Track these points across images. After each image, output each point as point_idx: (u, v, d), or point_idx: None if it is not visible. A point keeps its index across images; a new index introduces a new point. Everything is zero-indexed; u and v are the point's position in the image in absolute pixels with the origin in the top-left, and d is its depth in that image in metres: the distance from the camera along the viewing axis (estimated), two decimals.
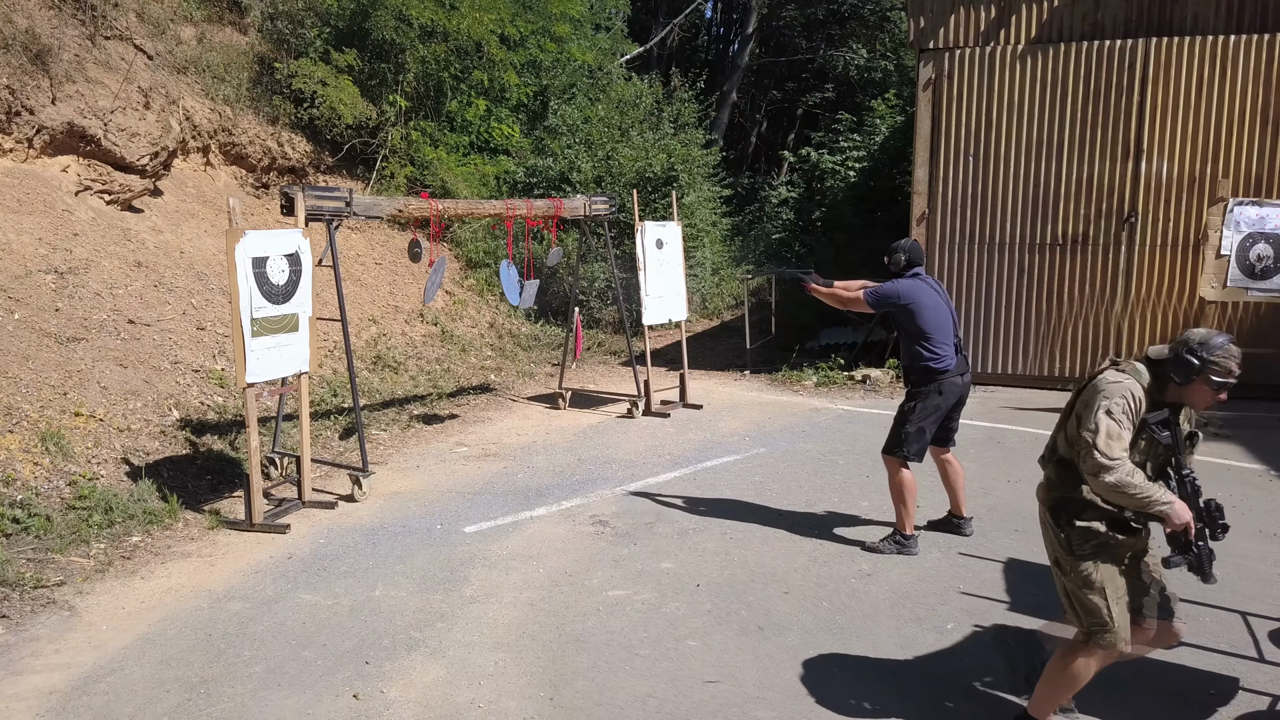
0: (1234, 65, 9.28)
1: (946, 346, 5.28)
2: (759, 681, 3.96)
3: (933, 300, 5.33)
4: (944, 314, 5.33)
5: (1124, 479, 3.03)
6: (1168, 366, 3.12)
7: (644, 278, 8.96)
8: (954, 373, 5.30)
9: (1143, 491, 3.04)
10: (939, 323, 5.29)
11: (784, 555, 5.42)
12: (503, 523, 5.99)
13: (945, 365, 5.26)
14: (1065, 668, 3.31)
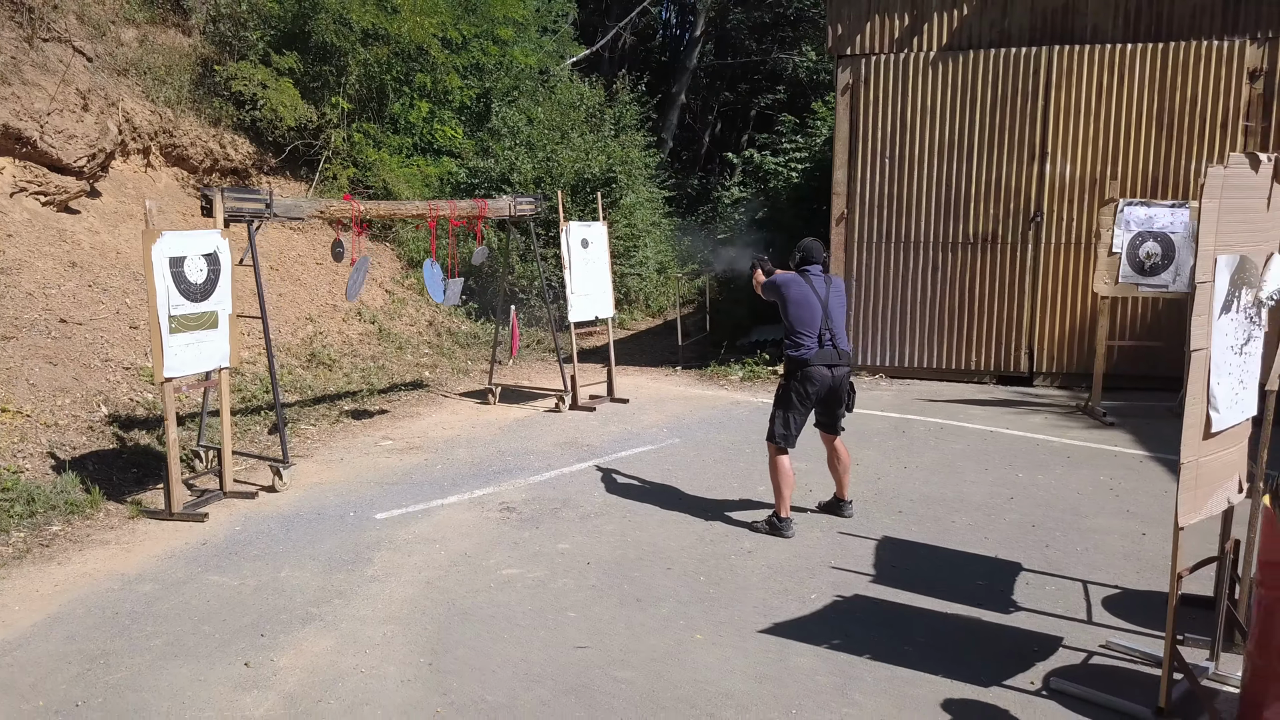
0: (1130, 72, 9.77)
1: (809, 339, 5.63)
2: (625, 646, 4.29)
3: (801, 294, 5.69)
4: (813, 309, 5.68)
5: None
6: None
7: (569, 276, 9.27)
8: (817, 363, 5.64)
9: None
10: (802, 316, 5.65)
11: (675, 536, 5.76)
12: (413, 510, 6.28)
13: (804, 355, 5.61)
14: None
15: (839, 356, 5.77)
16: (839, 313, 5.86)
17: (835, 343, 5.77)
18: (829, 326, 5.77)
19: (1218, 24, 9.60)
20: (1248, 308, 3.56)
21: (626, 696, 3.84)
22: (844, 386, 5.89)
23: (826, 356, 5.72)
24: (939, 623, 4.56)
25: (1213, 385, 3.49)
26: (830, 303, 5.82)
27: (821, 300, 5.78)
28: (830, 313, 5.80)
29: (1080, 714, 3.73)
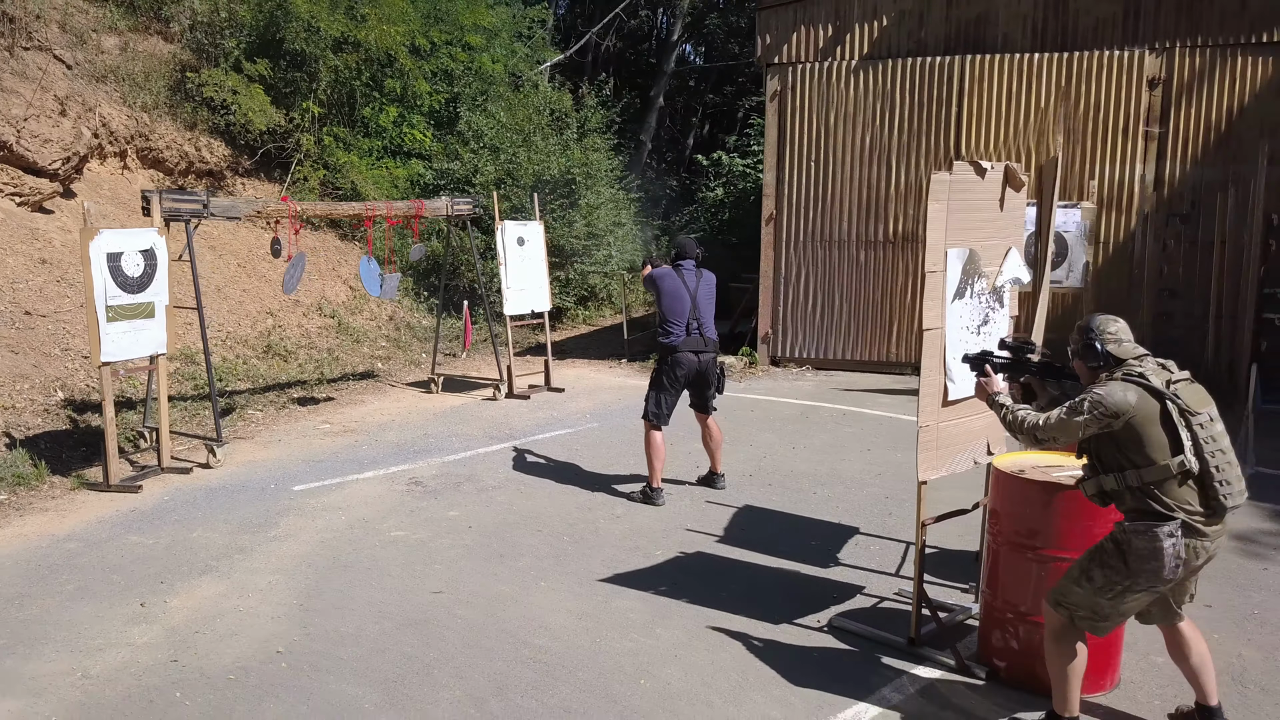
0: (1037, 79, 10.34)
1: (678, 327, 6.24)
2: (474, 591, 4.91)
3: (673, 287, 6.30)
4: (682, 301, 6.29)
5: None
6: None
7: (504, 272, 9.90)
8: (685, 349, 6.24)
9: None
10: (674, 307, 6.26)
11: (557, 504, 6.38)
12: (329, 483, 6.91)
13: (673, 342, 6.22)
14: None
15: (704, 344, 6.37)
16: (707, 304, 6.45)
17: (702, 331, 6.37)
18: (696, 316, 6.36)
19: (1119, 35, 10.17)
20: (982, 293, 4.15)
21: (458, 629, 4.46)
22: (711, 370, 6.48)
23: (693, 343, 6.32)
24: (760, 574, 5.16)
25: (949, 360, 4.08)
26: (699, 295, 6.42)
27: (691, 293, 6.38)
28: (699, 304, 6.40)
29: (847, 644, 4.32)
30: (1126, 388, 3.19)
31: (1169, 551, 3.10)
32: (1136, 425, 3.17)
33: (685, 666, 4.10)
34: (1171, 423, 3.14)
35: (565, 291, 15.65)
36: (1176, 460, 3.13)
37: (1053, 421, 3.31)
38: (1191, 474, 3.14)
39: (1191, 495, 3.17)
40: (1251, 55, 9.87)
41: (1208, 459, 3.13)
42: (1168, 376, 3.23)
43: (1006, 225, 4.21)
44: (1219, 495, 3.13)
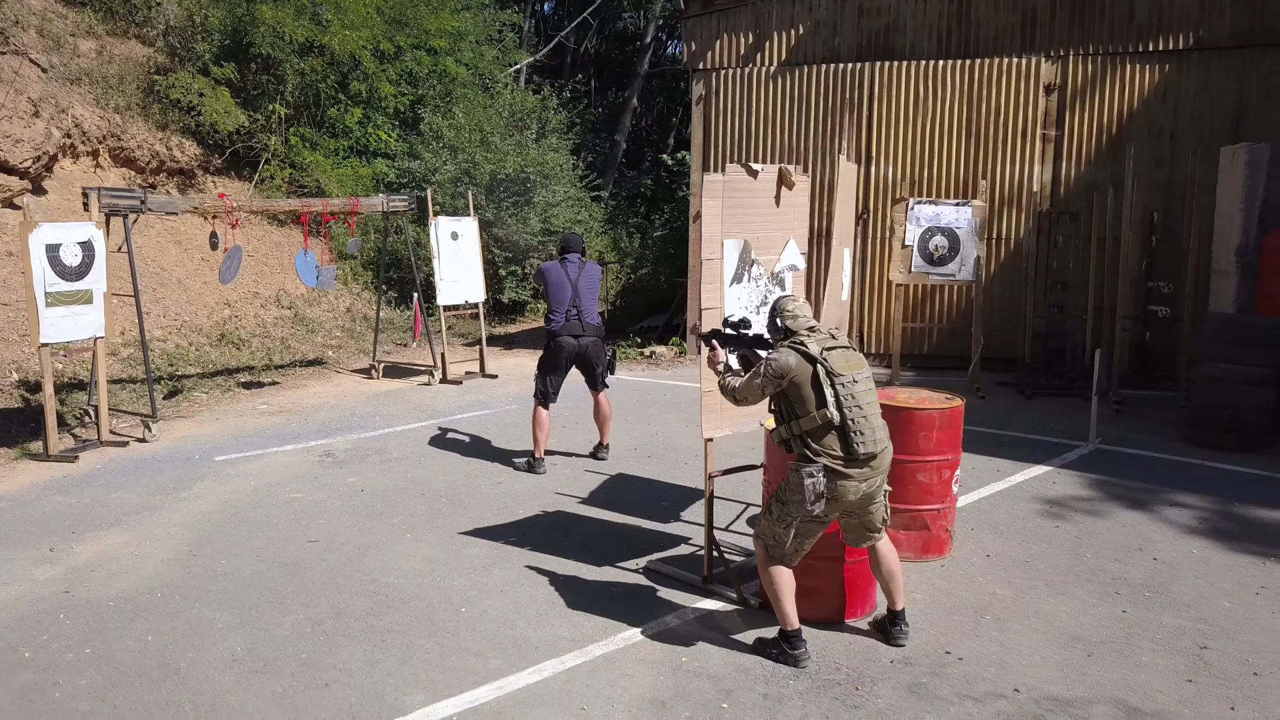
0: (943, 85, 10.99)
1: (559, 314, 6.93)
2: (346, 541, 5.59)
3: (556, 278, 6.99)
4: (564, 290, 6.97)
5: None
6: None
7: (438, 265, 10.58)
8: (565, 334, 6.93)
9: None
10: (557, 296, 6.95)
11: (448, 473, 7.06)
12: (250, 454, 7.60)
13: (554, 327, 6.92)
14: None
15: (583, 329, 7.04)
16: (587, 293, 7.12)
17: (581, 317, 7.05)
18: (576, 304, 7.05)
19: (1017, 43, 10.81)
20: (759, 278, 4.82)
21: (320, 570, 5.14)
22: (593, 352, 7.16)
23: (572, 329, 7.00)
24: (604, 528, 5.84)
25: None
26: (580, 285, 7.10)
27: (572, 282, 7.06)
28: (580, 293, 7.07)
29: (655, 584, 4.99)
30: (789, 353, 3.88)
31: (809, 487, 3.78)
32: (796, 384, 3.85)
33: (506, 599, 4.78)
34: (819, 382, 3.82)
35: (522, 285, 16.33)
36: (821, 413, 3.81)
37: (742, 383, 3.99)
38: (834, 425, 3.81)
39: (834, 443, 3.84)
40: (1139, 63, 10.51)
41: (846, 413, 3.81)
42: (828, 344, 3.91)
43: (784, 219, 4.87)
44: (854, 444, 3.81)
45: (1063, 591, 4.96)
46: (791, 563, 4.08)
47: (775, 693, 3.85)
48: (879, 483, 3.98)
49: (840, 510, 3.97)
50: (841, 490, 3.87)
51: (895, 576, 4.20)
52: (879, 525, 4.12)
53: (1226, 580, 5.13)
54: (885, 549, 4.18)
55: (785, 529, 3.99)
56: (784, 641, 4.09)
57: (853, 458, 3.85)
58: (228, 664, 4.08)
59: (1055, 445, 7.92)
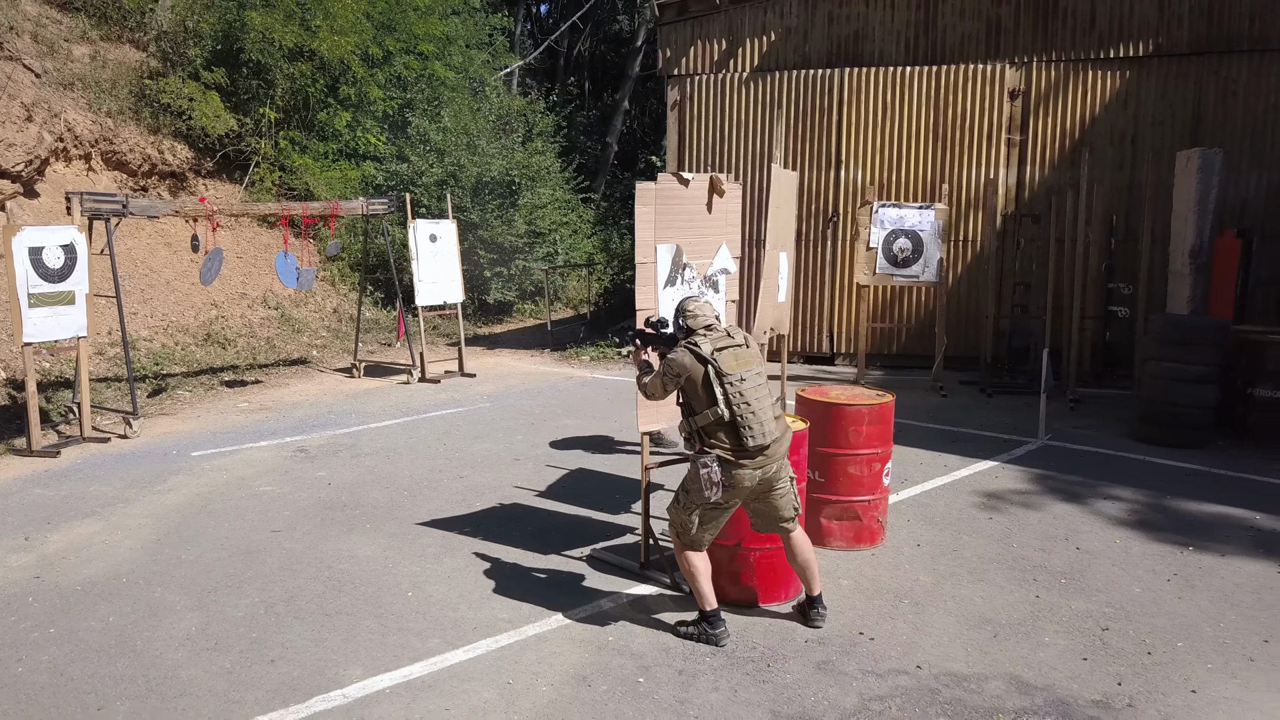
0: (910, 91, 11.25)
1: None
2: (308, 531, 5.87)
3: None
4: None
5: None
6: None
7: (416, 267, 10.86)
8: None
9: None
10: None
11: (415, 467, 7.33)
12: (226, 450, 7.88)
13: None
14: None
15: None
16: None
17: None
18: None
19: (982, 50, 11.07)
20: (692, 280, 5.08)
21: (280, 557, 5.42)
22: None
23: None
24: (555, 519, 6.11)
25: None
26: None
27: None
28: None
29: (597, 570, 5.26)
30: (685, 353, 4.15)
31: (705, 477, 4.05)
32: (693, 381, 4.12)
33: (451, 584, 5.05)
34: (709, 382, 4.09)
35: (508, 286, 16.61)
36: (713, 410, 4.08)
37: (649, 380, 4.27)
38: (724, 421, 4.08)
39: (726, 436, 4.11)
40: (1100, 69, 10.77)
41: (735, 409, 4.07)
42: (720, 344, 4.16)
43: (716, 225, 5.14)
44: (744, 437, 4.07)
45: (982, 578, 5.22)
46: (701, 547, 4.34)
47: (690, 668, 4.12)
48: (775, 469, 4.23)
49: (741, 497, 4.23)
50: (737, 479, 4.13)
51: (810, 565, 4.46)
52: (789, 514, 4.37)
53: (1141, 568, 5.39)
54: (799, 539, 4.44)
55: (691, 516, 4.26)
56: (704, 621, 4.35)
57: (743, 450, 4.11)
58: (181, 642, 4.35)
59: (1005, 441, 8.18)
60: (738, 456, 4.12)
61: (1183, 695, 3.98)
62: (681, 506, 4.30)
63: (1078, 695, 3.96)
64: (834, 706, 3.84)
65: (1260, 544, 5.77)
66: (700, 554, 4.33)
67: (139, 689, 3.92)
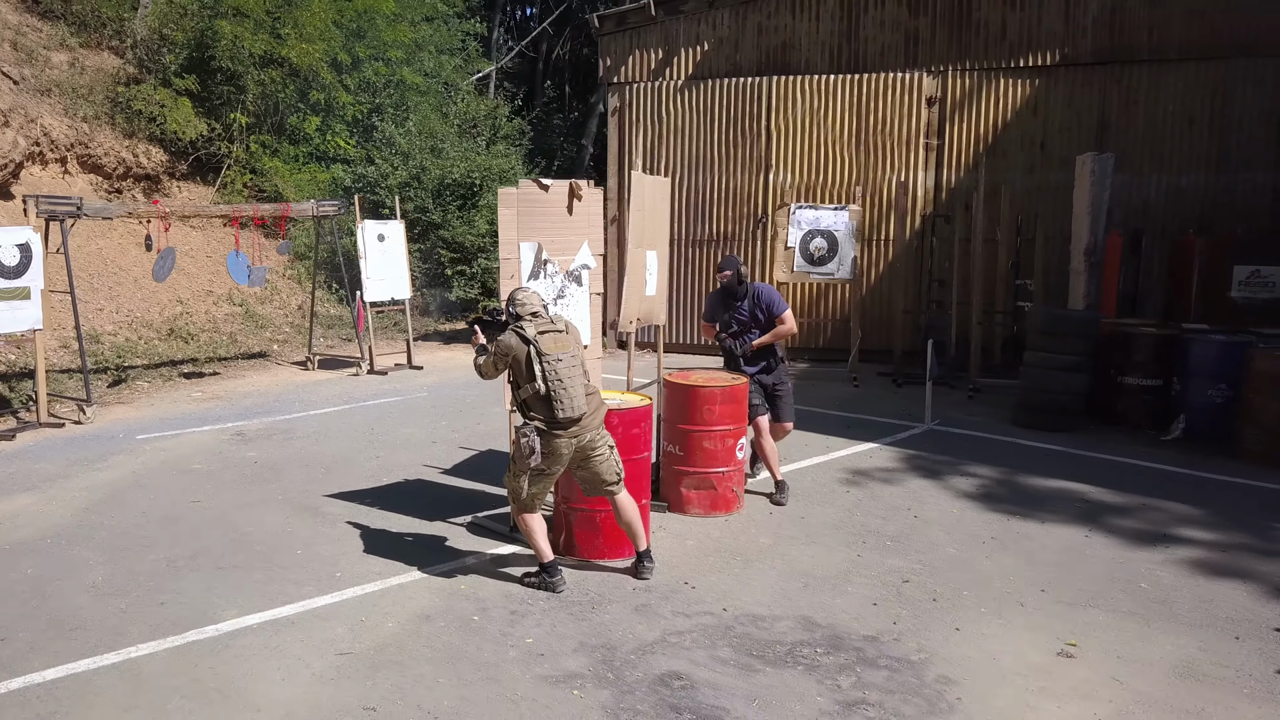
0: (835, 98, 11.88)
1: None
2: (225, 501, 6.50)
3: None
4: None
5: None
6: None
7: (364, 264, 11.50)
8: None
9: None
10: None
11: (338, 448, 7.97)
12: (168, 434, 8.52)
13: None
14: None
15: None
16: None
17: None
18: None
19: (901, 59, 11.69)
20: (555, 274, 5.72)
21: (193, 522, 6.05)
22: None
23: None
24: (450, 492, 6.74)
25: None
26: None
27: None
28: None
29: (474, 534, 5.89)
30: (511, 336, 4.79)
31: (524, 445, 4.69)
32: (517, 360, 4.76)
33: (340, 545, 5.68)
34: (531, 361, 4.72)
35: (471, 283, 17.23)
36: (532, 386, 4.71)
37: (483, 361, 4.90)
38: (540, 395, 4.72)
39: (544, 409, 4.74)
40: (1011, 78, 11.39)
41: (550, 385, 4.71)
42: (543, 329, 4.80)
43: (577, 225, 5.76)
44: (556, 410, 4.71)
45: (816, 541, 5.85)
46: (533, 509, 4.97)
47: (523, 610, 4.76)
48: (590, 439, 4.86)
49: (562, 464, 4.87)
50: (554, 447, 4.77)
51: (634, 524, 5.09)
52: (612, 479, 5.00)
53: (965, 533, 6.02)
54: (623, 500, 5.07)
55: (520, 481, 4.89)
56: (543, 572, 4.99)
57: (556, 421, 4.75)
58: (88, 589, 4.99)
59: (895, 426, 8.81)
60: (551, 427, 4.75)
61: (946, 632, 4.60)
62: (513, 474, 4.93)
63: (854, 631, 4.59)
64: (636, 638, 4.46)
65: (1083, 514, 6.38)
66: (534, 514, 4.96)
67: (41, 624, 4.55)
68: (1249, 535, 5.98)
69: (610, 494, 5.05)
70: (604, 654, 4.30)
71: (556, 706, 3.85)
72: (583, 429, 4.83)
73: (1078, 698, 4.01)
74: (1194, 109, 10.97)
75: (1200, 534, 6.01)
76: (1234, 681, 4.16)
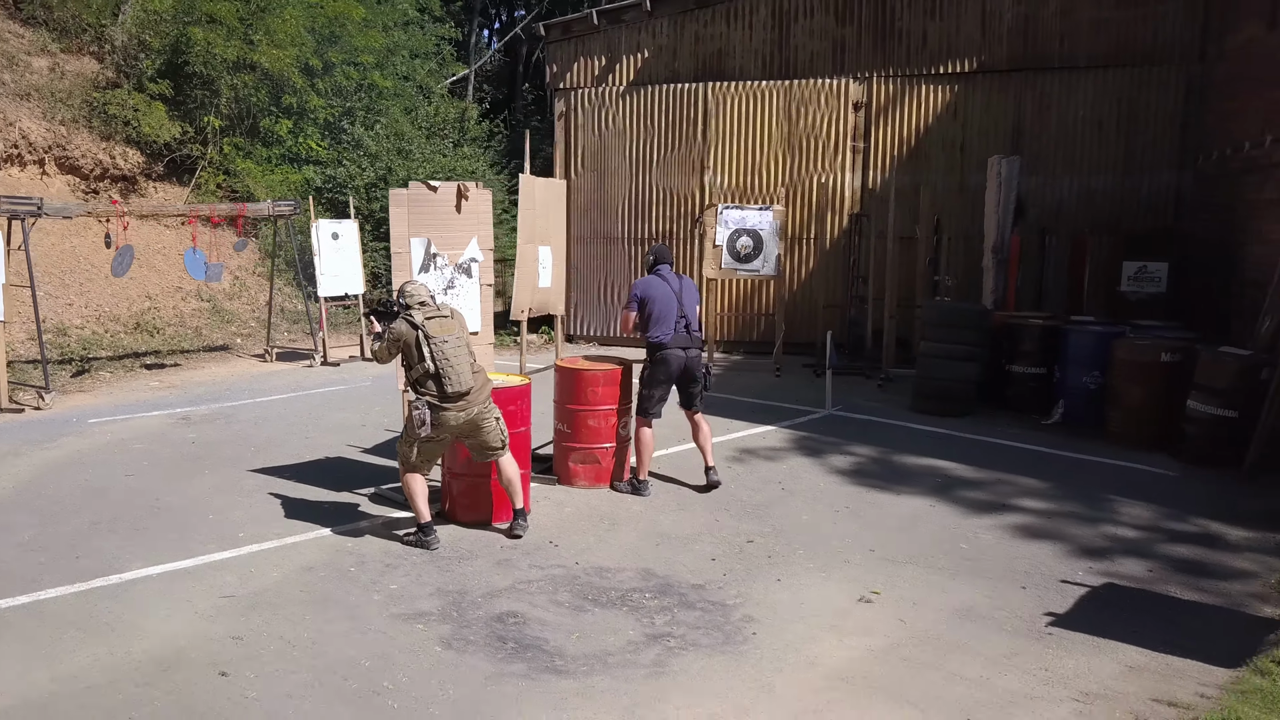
0: (767, 103, 12.49)
1: (667, 327, 6.55)
2: (161, 475, 7.11)
3: (663, 291, 6.59)
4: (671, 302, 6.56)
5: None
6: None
7: (318, 261, 12.12)
8: (673, 346, 6.56)
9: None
10: (663, 310, 6.56)
11: (273, 430, 8.58)
12: (120, 418, 9.14)
13: (662, 339, 6.57)
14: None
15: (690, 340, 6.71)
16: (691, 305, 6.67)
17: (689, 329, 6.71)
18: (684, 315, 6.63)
19: (829, 66, 12.31)
20: (444, 267, 6.33)
21: (122, 494, 6.67)
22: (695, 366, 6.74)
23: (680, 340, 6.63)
24: (364, 469, 7.35)
25: None
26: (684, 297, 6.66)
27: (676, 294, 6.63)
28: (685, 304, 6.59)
29: (375, 503, 6.50)
30: (401, 323, 5.42)
31: (416, 417, 5.32)
32: (408, 344, 5.39)
33: (249, 511, 6.29)
34: (420, 343, 5.35)
35: None
36: (422, 365, 5.34)
37: (378, 347, 5.53)
38: (430, 373, 5.34)
39: (434, 385, 5.38)
40: (932, 84, 12.00)
41: (438, 364, 5.34)
42: (430, 315, 5.42)
43: (467, 223, 6.38)
44: (445, 385, 5.34)
45: (685, 509, 6.46)
46: (423, 471, 5.59)
47: (396, 563, 5.37)
48: (478, 411, 5.49)
49: (451, 434, 5.50)
50: (443, 419, 5.40)
51: (513, 483, 5.71)
52: (497, 444, 5.64)
53: (824, 503, 6.62)
54: (506, 462, 5.70)
55: (411, 449, 5.51)
56: (420, 531, 5.61)
57: (445, 395, 5.38)
58: (15, 547, 5.61)
59: (799, 411, 9.42)
60: (442, 401, 5.39)
61: (768, 583, 5.21)
62: (405, 442, 5.56)
63: (685, 581, 5.20)
64: (488, 586, 5.08)
65: (938, 487, 6.99)
66: (417, 477, 5.59)
67: None
68: (1079, 505, 6.58)
69: (497, 456, 5.68)
70: (455, 598, 4.91)
71: (400, 637, 4.46)
72: (469, 402, 5.45)
73: (860, 633, 4.62)
74: (1102, 114, 11.57)
75: (1035, 504, 6.62)
76: (1003, 621, 4.76)
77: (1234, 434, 7.35)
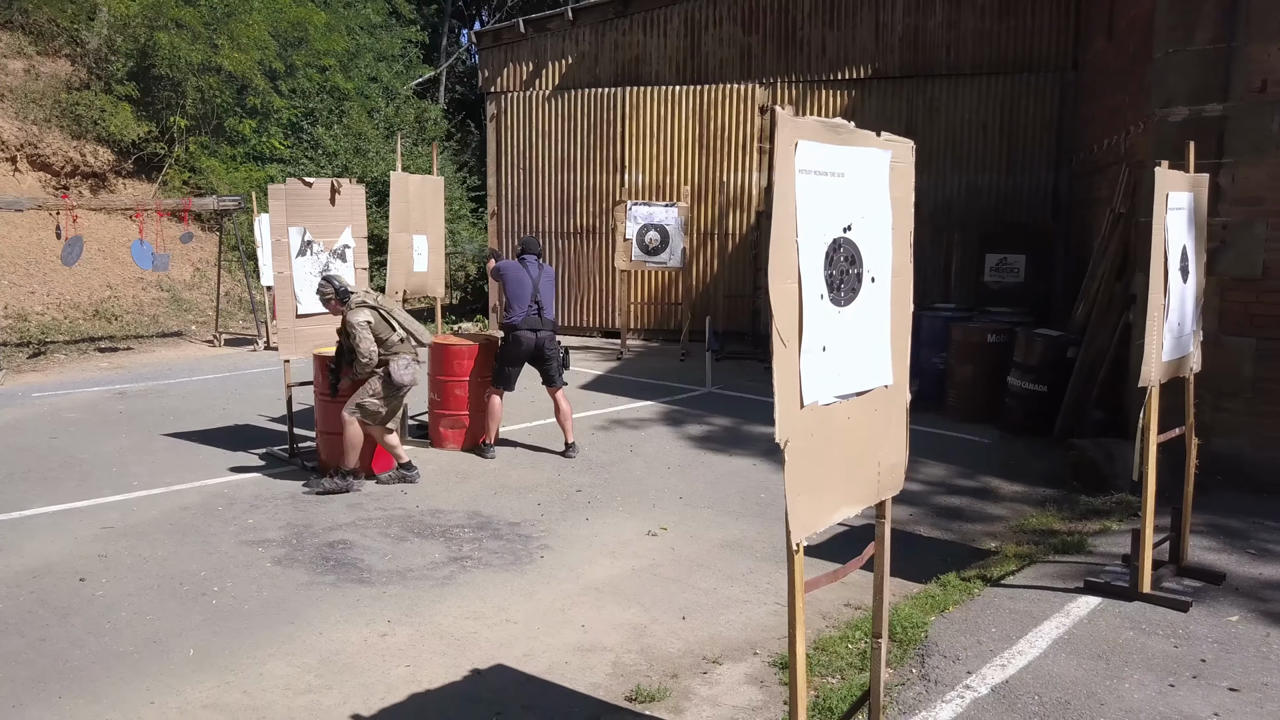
0: (681, 107, 13.39)
1: (519, 309, 7.33)
2: (82, 441, 8.02)
3: (518, 275, 7.38)
4: (525, 286, 7.35)
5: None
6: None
7: (261, 253, 13.03)
8: (524, 327, 7.33)
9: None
10: (517, 292, 7.37)
11: (195, 402, 9.49)
12: (61, 393, 10.06)
13: (514, 320, 7.35)
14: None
15: (542, 323, 7.45)
16: (546, 291, 7.80)
17: (540, 313, 7.44)
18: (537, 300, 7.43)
19: (737, 72, 13.20)
20: (320, 253, 7.24)
21: (43, 451, 7.59)
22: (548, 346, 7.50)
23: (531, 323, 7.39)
24: (266, 433, 8.25)
25: (298, 288, 7.17)
26: (540, 283, 7.86)
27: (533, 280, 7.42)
28: (540, 290, 8.25)
29: (267, 462, 7.41)
30: (364, 311, 6.35)
31: (409, 375, 6.34)
32: (380, 324, 6.33)
33: (150, 465, 7.19)
34: (385, 319, 6.30)
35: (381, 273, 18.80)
36: (397, 335, 6.30)
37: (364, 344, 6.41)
38: (403, 338, 6.32)
39: (407, 347, 6.34)
40: (832, 89, 12.89)
41: (408, 326, 6.38)
42: (372, 297, 6.39)
43: (341, 214, 7.28)
44: (421, 339, 6.35)
45: (536, 467, 7.35)
46: (386, 423, 6.53)
47: (260, 504, 6.28)
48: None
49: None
50: (416, 371, 6.42)
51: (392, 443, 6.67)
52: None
53: (661, 463, 7.50)
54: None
55: (386, 404, 6.47)
56: (342, 475, 6.50)
57: (421, 345, 6.47)
58: None
59: (681, 390, 10.31)
60: (416, 359, 6.42)
61: (577, 522, 6.10)
62: (382, 400, 6.48)
63: (504, 520, 6.10)
64: (330, 519, 5.99)
65: (768, 451, 7.86)
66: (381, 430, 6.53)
67: None
68: None
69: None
70: (300, 530, 5.82)
71: (239, 556, 5.37)
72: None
73: (631, 556, 5.52)
74: (986, 118, 12.45)
75: None
76: (758, 550, 5.65)
77: (1044, 406, 8.25)
